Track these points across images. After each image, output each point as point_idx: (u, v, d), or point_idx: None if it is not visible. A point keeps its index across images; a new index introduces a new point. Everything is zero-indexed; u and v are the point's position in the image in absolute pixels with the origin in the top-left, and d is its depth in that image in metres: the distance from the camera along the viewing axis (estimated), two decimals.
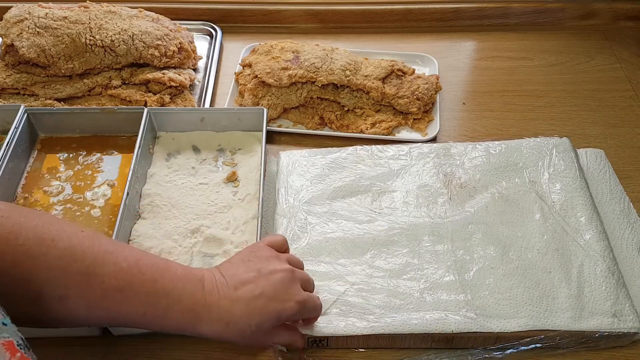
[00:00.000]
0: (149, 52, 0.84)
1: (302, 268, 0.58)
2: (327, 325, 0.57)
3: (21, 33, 0.81)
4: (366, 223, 0.67)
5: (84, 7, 0.86)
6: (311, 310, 0.54)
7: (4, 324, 0.36)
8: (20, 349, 0.35)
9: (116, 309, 0.45)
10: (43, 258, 0.42)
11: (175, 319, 0.46)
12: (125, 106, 0.82)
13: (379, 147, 0.76)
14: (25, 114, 0.76)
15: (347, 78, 0.83)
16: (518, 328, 0.57)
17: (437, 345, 0.59)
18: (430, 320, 0.57)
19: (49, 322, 0.44)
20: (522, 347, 0.59)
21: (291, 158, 0.74)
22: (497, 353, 0.59)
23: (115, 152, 0.79)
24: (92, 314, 0.44)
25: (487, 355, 0.59)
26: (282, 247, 0.57)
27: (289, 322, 0.55)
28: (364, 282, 0.61)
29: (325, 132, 0.83)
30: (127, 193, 0.67)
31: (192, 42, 0.93)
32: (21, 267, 0.41)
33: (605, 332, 0.58)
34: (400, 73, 0.87)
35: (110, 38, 0.82)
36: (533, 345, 0.58)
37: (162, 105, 0.84)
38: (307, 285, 0.55)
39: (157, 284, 0.46)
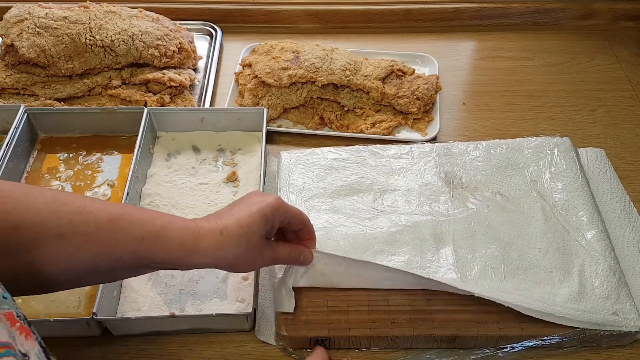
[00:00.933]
0: (149, 52, 0.84)
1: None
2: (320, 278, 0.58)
3: (21, 33, 0.81)
4: (368, 220, 0.67)
5: (84, 7, 0.86)
6: (293, 212, 0.54)
7: (4, 297, 0.36)
8: (20, 320, 0.36)
9: (114, 240, 0.45)
10: (31, 205, 0.42)
11: (174, 238, 0.46)
12: (125, 106, 0.82)
13: (380, 146, 0.76)
14: (25, 114, 0.76)
15: (347, 78, 0.83)
16: (520, 302, 0.57)
17: (439, 345, 0.59)
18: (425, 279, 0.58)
19: (52, 270, 0.44)
20: (524, 347, 0.59)
21: (292, 157, 0.74)
22: (499, 353, 0.59)
23: (115, 152, 0.79)
24: (89, 251, 0.44)
25: (489, 355, 0.59)
26: None
27: (279, 227, 0.55)
28: (366, 278, 0.61)
29: (325, 132, 0.83)
30: (127, 193, 0.67)
31: (192, 42, 0.93)
32: (11, 216, 0.42)
33: (607, 331, 0.58)
34: (400, 73, 0.87)
35: (110, 38, 0.82)
36: (534, 344, 0.58)
37: (162, 105, 0.84)
38: (299, 219, 0.55)
39: (148, 212, 0.48)
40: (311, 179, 0.72)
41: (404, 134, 0.83)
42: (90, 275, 0.47)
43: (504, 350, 0.59)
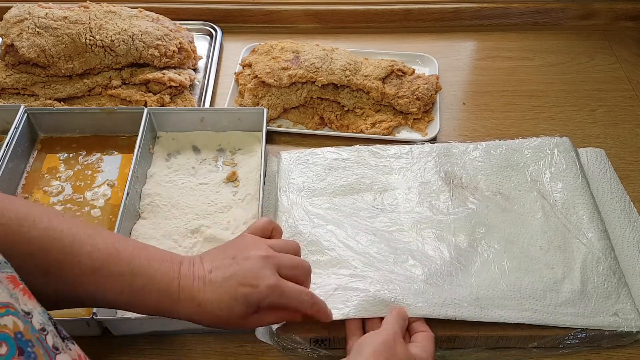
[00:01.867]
0: (149, 52, 0.84)
1: (295, 252, 0.55)
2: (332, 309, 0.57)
3: (21, 33, 0.81)
4: (368, 218, 0.67)
5: (84, 7, 0.86)
6: (289, 297, 0.49)
7: (5, 262, 0.37)
8: (22, 282, 0.37)
9: (95, 288, 0.46)
10: (24, 235, 0.43)
11: (152, 298, 0.47)
12: (125, 106, 0.82)
13: (380, 146, 0.76)
14: (25, 114, 0.76)
15: (347, 78, 0.83)
16: (521, 320, 0.57)
17: (440, 345, 0.59)
18: (434, 306, 0.57)
19: (38, 296, 0.44)
20: (524, 347, 0.59)
21: (292, 157, 0.74)
22: (500, 353, 0.59)
23: (115, 152, 0.79)
24: (73, 292, 0.46)
25: (488, 355, 0.59)
26: (265, 232, 0.55)
27: (271, 307, 0.51)
28: (367, 271, 0.61)
29: (325, 132, 0.83)
30: (127, 193, 0.67)
31: (192, 42, 0.93)
32: (3, 243, 0.42)
33: (607, 331, 0.58)
34: (400, 73, 0.87)
35: (110, 38, 0.82)
36: (535, 344, 0.58)
37: (162, 105, 0.84)
38: (293, 269, 0.52)
39: (133, 263, 0.47)
40: (311, 179, 0.72)
41: (404, 134, 0.83)
42: (74, 305, 0.49)
43: (504, 350, 0.59)
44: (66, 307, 0.48)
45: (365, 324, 0.57)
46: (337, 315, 0.56)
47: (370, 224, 0.66)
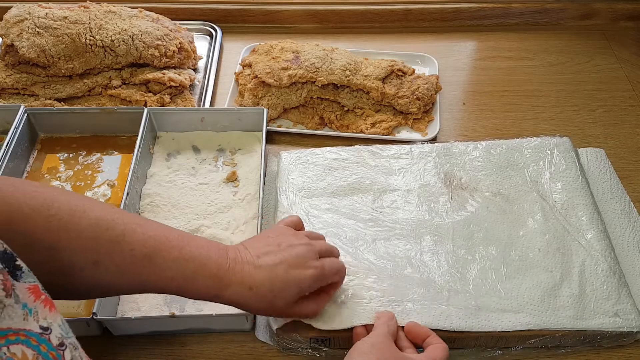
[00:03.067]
0: (149, 52, 0.84)
1: (323, 240, 0.59)
2: (332, 322, 0.57)
3: (21, 33, 0.81)
4: (368, 221, 0.67)
5: (84, 7, 0.86)
6: (332, 274, 0.54)
7: (29, 270, 0.37)
8: (45, 292, 0.36)
9: (146, 275, 0.46)
10: (74, 227, 0.43)
11: (202, 283, 0.48)
12: (125, 106, 0.82)
13: (380, 146, 0.76)
14: (25, 114, 0.76)
15: (347, 78, 0.83)
16: (520, 327, 0.57)
17: None
18: (433, 316, 0.57)
19: (77, 292, 0.46)
20: (525, 347, 0.59)
21: (292, 157, 0.74)
22: (500, 353, 0.59)
23: (115, 152, 0.79)
24: (122, 280, 0.46)
25: (488, 355, 0.59)
26: (298, 226, 0.59)
27: (313, 291, 0.54)
28: (366, 278, 0.61)
29: (325, 132, 0.83)
30: (127, 193, 0.67)
31: (192, 42, 0.93)
32: (54, 235, 0.42)
33: (607, 331, 0.58)
34: (400, 73, 0.87)
35: (110, 38, 0.82)
36: (535, 344, 0.58)
37: (162, 105, 0.84)
38: (330, 254, 0.57)
39: (184, 250, 0.48)
40: (311, 179, 0.72)
41: (404, 134, 0.83)
42: (115, 294, 0.51)
43: (505, 350, 0.59)
44: (113, 295, 0.50)
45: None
46: (335, 325, 0.57)
47: (369, 227, 0.66)
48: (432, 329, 0.57)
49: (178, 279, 0.47)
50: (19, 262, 0.36)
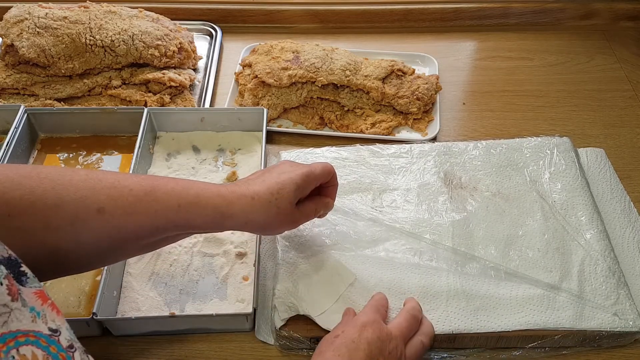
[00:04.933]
0: (149, 52, 0.84)
1: None
2: (332, 320, 0.57)
3: (21, 33, 0.81)
4: (367, 220, 0.67)
5: (84, 7, 0.86)
6: (321, 172, 0.56)
7: (34, 276, 0.37)
8: (50, 298, 0.37)
9: (152, 210, 0.47)
10: (69, 183, 0.45)
11: (208, 204, 0.49)
12: (125, 106, 0.82)
13: (380, 145, 0.76)
14: (25, 114, 0.76)
15: (347, 78, 0.83)
16: (519, 327, 0.57)
17: (439, 345, 0.59)
18: (431, 320, 0.57)
19: (96, 242, 0.46)
20: (524, 347, 0.59)
21: (292, 156, 0.74)
22: (500, 352, 0.59)
23: (115, 152, 0.79)
24: (129, 221, 0.47)
25: (489, 355, 0.59)
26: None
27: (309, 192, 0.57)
28: (366, 278, 0.61)
29: (325, 132, 0.83)
30: None
31: (192, 42, 0.93)
32: (51, 194, 0.44)
33: (607, 331, 0.58)
34: (400, 73, 0.87)
35: (110, 38, 0.82)
36: (535, 344, 0.58)
37: (162, 105, 0.84)
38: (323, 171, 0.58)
39: (180, 182, 0.50)
40: None
41: (404, 134, 0.83)
42: (132, 246, 0.49)
43: (505, 350, 0.59)
44: (127, 244, 0.49)
45: None
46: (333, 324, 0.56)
47: (369, 226, 0.66)
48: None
49: (185, 206, 0.48)
50: (24, 267, 0.36)
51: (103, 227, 0.45)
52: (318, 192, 0.59)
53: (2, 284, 0.33)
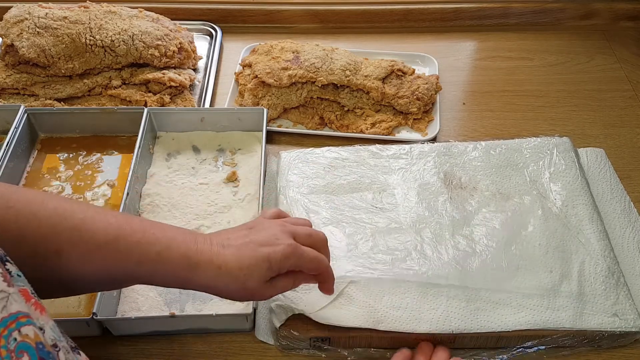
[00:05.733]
0: (149, 52, 0.84)
1: (308, 226, 0.55)
2: (331, 316, 0.57)
3: (21, 33, 0.81)
4: (367, 217, 0.67)
5: (84, 7, 0.86)
6: (307, 259, 0.50)
7: (18, 275, 0.37)
8: (34, 297, 0.37)
9: (111, 261, 0.45)
10: (33, 217, 0.43)
11: (169, 265, 0.46)
12: (125, 106, 0.82)
13: (380, 146, 0.76)
14: (25, 114, 0.76)
15: (347, 78, 0.83)
16: (519, 327, 0.57)
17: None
18: (432, 320, 0.57)
19: (49, 282, 0.45)
20: (524, 347, 0.59)
21: (292, 156, 0.74)
22: (500, 353, 0.59)
23: (115, 152, 0.79)
24: (87, 268, 0.45)
25: (489, 355, 0.59)
26: (280, 216, 0.56)
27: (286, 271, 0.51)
28: (366, 275, 0.61)
29: (325, 132, 0.83)
30: (127, 193, 0.67)
31: (192, 42, 0.93)
32: (14, 227, 0.42)
33: (606, 331, 0.58)
34: (400, 73, 0.87)
35: (110, 38, 0.82)
36: (535, 344, 0.58)
37: (162, 105, 0.84)
38: (307, 237, 0.52)
39: (147, 233, 0.46)
40: (310, 177, 0.72)
41: (404, 134, 0.83)
42: (90, 287, 0.48)
43: (505, 350, 0.59)
44: (82, 289, 0.48)
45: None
46: (333, 320, 0.57)
47: (368, 223, 0.66)
48: (432, 332, 0.57)
49: (144, 263, 0.45)
50: (9, 265, 0.36)
51: (59, 269, 0.44)
52: None
53: None
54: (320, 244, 0.53)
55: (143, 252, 0.45)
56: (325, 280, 0.53)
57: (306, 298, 0.58)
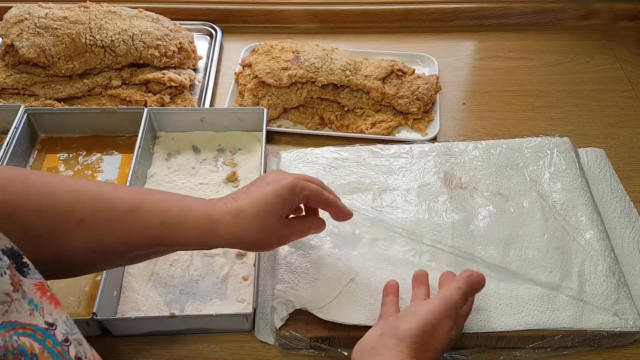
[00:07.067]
0: (149, 52, 0.84)
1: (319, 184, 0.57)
2: (333, 313, 0.57)
3: (21, 33, 0.81)
4: (367, 220, 0.67)
5: (84, 7, 0.86)
6: (312, 188, 0.53)
7: (34, 269, 0.37)
8: (50, 290, 0.37)
9: (136, 226, 0.46)
10: (52, 192, 0.44)
11: (191, 222, 0.47)
12: (125, 106, 0.82)
13: (380, 145, 0.76)
14: (25, 114, 0.76)
15: (347, 78, 0.83)
16: (519, 327, 0.57)
17: None
18: None
19: (73, 259, 0.45)
20: (524, 347, 0.59)
21: (292, 156, 0.74)
22: (500, 352, 0.59)
23: (115, 152, 0.79)
24: (111, 236, 0.46)
25: (489, 355, 0.59)
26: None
27: (297, 207, 0.55)
28: (366, 276, 0.61)
29: (325, 132, 0.83)
30: None
31: (192, 42, 0.93)
32: (34, 201, 0.43)
33: (607, 331, 0.58)
34: (400, 73, 0.87)
35: (110, 38, 0.82)
36: (535, 344, 0.58)
37: (162, 105, 0.84)
38: (308, 179, 0.55)
39: (165, 197, 0.49)
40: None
41: (404, 134, 0.83)
42: (112, 259, 0.49)
43: (505, 350, 0.59)
44: (105, 263, 0.49)
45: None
46: (333, 316, 0.57)
47: (369, 227, 0.66)
48: None
49: (167, 224, 0.46)
50: (26, 259, 0.37)
51: (82, 238, 0.45)
52: (312, 212, 0.58)
53: (5, 274, 0.33)
54: (318, 183, 0.56)
55: (165, 214, 0.47)
56: (334, 207, 0.55)
57: (308, 295, 0.58)
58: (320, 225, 0.57)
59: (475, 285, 0.54)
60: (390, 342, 0.49)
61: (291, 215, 0.55)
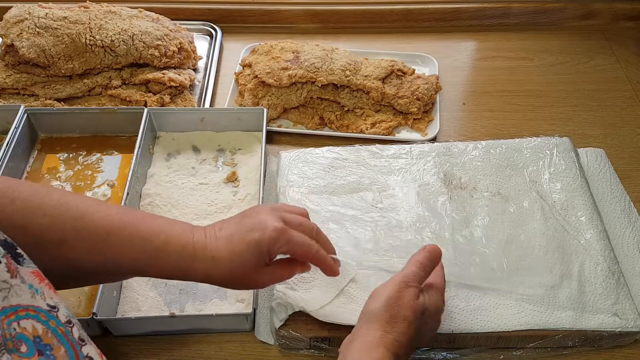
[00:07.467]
0: (149, 52, 0.84)
1: (304, 216, 0.55)
2: (332, 314, 0.57)
3: (21, 33, 0.81)
4: (367, 220, 0.67)
5: (84, 7, 0.86)
6: (296, 242, 0.50)
7: (29, 258, 0.38)
8: (46, 279, 0.38)
9: (113, 249, 0.46)
10: (38, 207, 0.44)
11: (170, 258, 0.47)
12: (125, 106, 0.82)
13: (380, 146, 0.76)
14: (25, 114, 0.76)
15: (347, 78, 0.83)
16: (519, 327, 0.57)
17: (439, 345, 0.59)
18: None
19: (53, 272, 0.44)
20: (524, 347, 0.59)
21: (292, 156, 0.74)
22: (500, 352, 0.59)
23: (115, 152, 0.79)
24: (91, 259, 0.46)
25: (489, 355, 0.59)
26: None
27: (278, 258, 0.52)
28: (366, 276, 0.61)
29: (325, 132, 0.83)
30: (127, 193, 0.67)
31: (192, 42, 0.93)
32: (19, 215, 0.43)
33: (607, 331, 0.58)
34: (400, 73, 0.87)
35: (110, 38, 0.82)
36: (535, 344, 0.58)
37: (162, 105, 0.84)
38: (298, 225, 0.52)
39: (148, 225, 0.48)
40: (310, 177, 0.72)
41: (404, 134, 0.83)
42: (91, 280, 0.49)
43: (505, 350, 0.59)
44: (84, 280, 0.49)
45: None
46: (331, 317, 0.57)
47: (369, 222, 0.66)
48: None
49: (145, 254, 0.47)
50: (19, 250, 0.37)
51: (62, 257, 0.45)
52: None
53: (1, 262, 0.34)
54: (310, 232, 0.53)
55: (144, 244, 0.47)
56: (319, 265, 0.53)
57: (307, 296, 0.58)
58: (305, 269, 0.54)
59: (431, 255, 0.54)
60: (362, 326, 0.49)
61: (279, 256, 0.52)
